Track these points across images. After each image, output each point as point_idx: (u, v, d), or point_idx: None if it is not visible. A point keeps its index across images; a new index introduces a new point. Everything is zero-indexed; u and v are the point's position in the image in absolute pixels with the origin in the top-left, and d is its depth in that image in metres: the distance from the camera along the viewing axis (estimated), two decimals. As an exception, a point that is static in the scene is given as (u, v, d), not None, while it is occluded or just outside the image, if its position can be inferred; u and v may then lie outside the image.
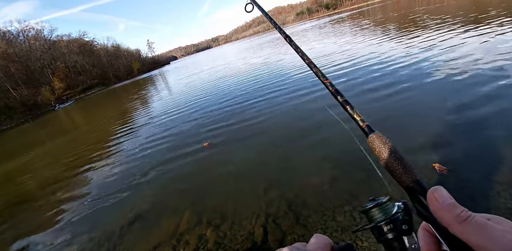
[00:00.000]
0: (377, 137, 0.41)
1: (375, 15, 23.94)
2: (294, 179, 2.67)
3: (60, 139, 9.75)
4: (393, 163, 0.37)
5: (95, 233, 2.84)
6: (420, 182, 0.34)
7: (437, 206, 0.27)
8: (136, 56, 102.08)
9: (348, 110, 0.47)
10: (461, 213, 0.26)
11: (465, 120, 2.81)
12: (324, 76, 0.56)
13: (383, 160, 0.38)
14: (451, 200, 0.27)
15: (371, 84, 4.76)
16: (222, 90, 8.72)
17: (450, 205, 0.27)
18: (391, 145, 0.39)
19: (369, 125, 0.43)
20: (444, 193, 0.28)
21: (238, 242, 2.07)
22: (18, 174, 6.61)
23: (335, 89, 0.52)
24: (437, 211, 0.27)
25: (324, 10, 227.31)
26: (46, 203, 4.15)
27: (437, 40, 6.63)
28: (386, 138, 0.40)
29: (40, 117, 30.78)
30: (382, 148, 0.39)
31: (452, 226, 0.26)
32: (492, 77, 3.62)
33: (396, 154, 0.37)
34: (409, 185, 0.34)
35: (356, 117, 0.45)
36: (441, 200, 0.27)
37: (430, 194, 0.29)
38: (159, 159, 4.32)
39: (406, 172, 0.35)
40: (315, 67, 0.59)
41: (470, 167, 2.11)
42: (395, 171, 0.36)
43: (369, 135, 0.42)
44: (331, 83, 0.53)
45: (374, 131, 0.42)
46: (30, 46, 55.62)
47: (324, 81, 0.54)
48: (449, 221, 0.26)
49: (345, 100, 0.49)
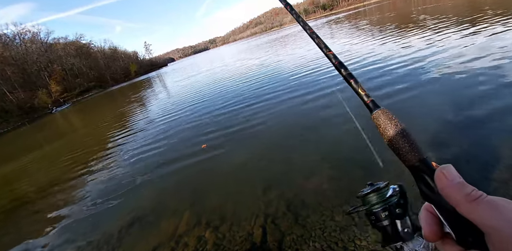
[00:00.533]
0: (382, 113, 0.38)
1: (371, 16, 24.09)
2: (292, 179, 2.68)
3: (57, 143, 9.69)
4: (398, 140, 0.34)
5: (93, 236, 2.82)
6: (427, 161, 0.32)
7: (446, 183, 0.26)
8: (133, 58, 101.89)
9: (352, 84, 0.43)
10: (472, 192, 0.25)
11: (461, 119, 2.83)
12: (327, 47, 0.52)
13: (387, 137, 0.36)
14: (460, 179, 0.26)
15: (368, 84, 4.78)
16: (219, 92, 8.73)
17: (460, 183, 0.26)
18: (397, 122, 0.36)
19: (374, 100, 0.40)
20: (454, 172, 0.27)
21: (237, 243, 2.06)
22: (16, 178, 6.56)
23: (339, 61, 0.48)
24: (445, 189, 0.26)
25: (320, 11, 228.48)
26: (44, 206, 4.12)
27: (434, 40, 6.68)
28: (392, 114, 0.38)
29: (37, 120, 30.58)
30: (387, 125, 0.36)
31: (461, 206, 0.25)
32: (492, 75, 3.65)
33: (403, 131, 0.35)
34: (415, 164, 0.33)
35: (360, 92, 0.42)
36: (451, 177, 0.26)
37: (438, 172, 0.28)
38: (157, 162, 4.31)
39: (413, 150, 0.33)
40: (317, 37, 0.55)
41: (467, 166, 2.12)
42: (400, 149, 0.34)
43: (373, 111, 0.39)
44: (334, 55, 0.50)
45: (380, 106, 0.39)
46: (26, 49, 55.32)
47: (327, 52, 0.51)
48: (458, 200, 0.25)
49: (349, 73, 0.45)
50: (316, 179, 2.53)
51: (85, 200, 3.78)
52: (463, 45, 5.48)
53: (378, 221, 0.40)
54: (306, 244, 1.82)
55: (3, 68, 44.76)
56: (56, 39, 68.29)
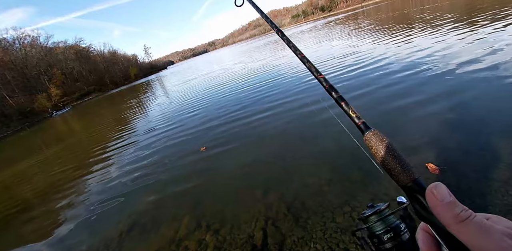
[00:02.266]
0: (373, 134, 0.39)
1: (370, 17, 24.20)
2: (292, 181, 2.67)
3: (57, 147, 9.69)
4: (390, 161, 0.35)
5: (93, 240, 2.81)
6: (419, 181, 0.33)
7: (436, 203, 0.26)
8: (133, 62, 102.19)
9: (343, 107, 0.45)
10: (461, 212, 0.25)
11: (458, 118, 2.83)
12: (317, 71, 0.54)
13: (380, 158, 0.37)
14: (450, 197, 0.26)
15: (365, 83, 4.79)
16: (217, 95, 8.74)
17: (450, 203, 0.26)
18: (388, 143, 0.37)
19: (365, 122, 0.41)
20: (444, 190, 0.27)
21: (238, 246, 2.05)
22: (15, 182, 6.55)
23: (329, 84, 0.50)
24: (435, 208, 0.26)
25: (319, 12, 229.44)
26: (44, 210, 4.11)
27: (433, 40, 6.71)
28: (383, 135, 0.39)
29: (37, 124, 30.61)
30: (379, 146, 0.37)
31: (451, 226, 0.25)
32: (489, 75, 3.66)
33: (394, 152, 0.36)
34: (407, 184, 0.33)
35: (351, 114, 0.43)
36: (440, 197, 0.26)
37: (428, 191, 0.27)
38: (156, 165, 4.30)
39: (404, 170, 0.34)
40: (308, 62, 0.57)
41: (464, 166, 2.12)
42: (392, 170, 0.35)
43: (365, 133, 0.40)
44: (325, 79, 0.51)
45: (371, 128, 0.40)
46: (26, 54, 55.51)
47: (318, 76, 0.52)
48: (448, 220, 0.25)
49: (340, 96, 0.47)
50: (316, 180, 2.53)
51: (85, 204, 3.77)
52: (462, 44, 5.49)
53: (381, 243, 0.39)
54: (307, 246, 1.81)
55: (3, 73, 44.89)
56: (56, 43, 68.64)
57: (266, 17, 0.76)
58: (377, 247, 0.39)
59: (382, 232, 0.37)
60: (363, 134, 0.40)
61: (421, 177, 0.33)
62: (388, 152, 0.36)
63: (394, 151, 0.36)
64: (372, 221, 0.39)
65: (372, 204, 0.41)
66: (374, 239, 0.40)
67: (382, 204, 0.40)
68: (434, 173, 2.09)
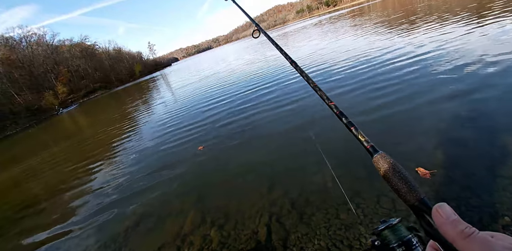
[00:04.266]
0: (381, 157, 0.41)
1: (375, 12, 23.75)
2: (297, 177, 2.67)
3: (65, 144, 9.84)
4: (397, 182, 0.37)
5: (101, 235, 2.86)
6: (425, 200, 0.34)
7: (442, 221, 0.28)
8: (137, 59, 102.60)
9: (352, 131, 0.47)
10: (465, 229, 0.26)
11: (464, 116, 2.78)
12: (328, 99, 0.57)
13: (387, 179, 0.39)
14: (455, 216, 0.28)
15: (360, 83, 4.73)
16: (219, 92, 8.73)
17: (455, 221, 0.27)
18: (395, 165, 0.39)
19: (374, 145, 0.44)
20: (448, 209, 0.28)
21: (242, 242, 2.07)
22: (25, 179, 6.68)
23: (340, 111, 0.53)
24: (441, 226, 0.28)
25: (324, 7, 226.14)
26: (52, 207, 4.19)
27: (442, 37, 6.55)
28: (390, 158, 0.41)
29: (45, 121, 31.09)
30: (386, 168, 0.40)
31: (457, 242, 0.26)
32: (497, 73, 3.57)
33: (400, 173, 0.38)
34: (414, 203, 0.35)
35: (361, 138, 0.46)
36: (445, 216, 0.28)
37: (434, 210, 0.29)
38: (161, 162, 4.34)
39: (410, 191, 0.36)
40: (320, 90, 0.60)
41: (472, 163, 2.08)
42: (400, 190, 0.37)
43: (374, 155, 0.43)
44: (335, 106, 0.54)
45: (379, 151, 0.43)
46: (32, 52, 56.17)
47: (329, 103, 0.55)
48: (454, 236, 0.26)
49: (350, 121, 0.49)
50: (320, 177, 2.51)
51: (91, 201, 3.84)
52: (466, 41, 5.36)
53: None
54: (311, 243, 1.81)
55: (10, 71, 45.54)
56: (62, 41, 69.30)
57: (280, 49, 0.87)
58: None
59: (395, 246, 0.38)
60: (372, 157, 0.43)
61: (426, 196, 0.35)
62: (395, 173, 0.38)
63: (400, 173, 0.38)
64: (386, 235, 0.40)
65: (385, 219, 0.42)
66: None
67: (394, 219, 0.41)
68: (425, 177, 2.03)
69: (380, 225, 0.42)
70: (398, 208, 1.85)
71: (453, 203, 1.75)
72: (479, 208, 1.68)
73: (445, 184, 1.94)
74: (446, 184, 1.94)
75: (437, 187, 1.93)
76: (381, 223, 0.42)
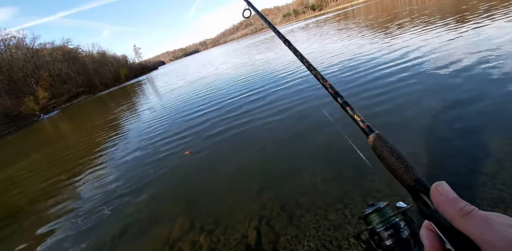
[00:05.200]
0: (377, 137, 0.41)
1: (360, 16, 24.45)
2: (286, 180, 2.67)
3: (45, 151, 9.45)
4: (394, 162, 0.37)
5: (85, 245, 2.75)
6: (422, 181, 0.34)
7: (441, 199, 0.28)
8: (123, 62, 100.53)
9: (348, 111, 0.47)
10: (465, 207, 0.26)
11: (428, 121, 2.89)
12: (323, 78, 0.56)
13: (384, 159, 0.38)
14: (453, 194, 0.28)
15: (355, 82, 4.84)
16: (206, 97, 8.68)
17: (454, 198, 0.27)
18: (391, 145, 0.39)
19: (369, 125, 0.43)
20: (447, 188, 0.28)
21: (232, 247, 2.04)
22: (4, 188, 6.36)
23: (335, 90, 0.52)
24: (440, 204, 0.27)
25: (310, 11, 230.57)
26: (33, 216, 4.00)
27: (429, 39, 6.81)
28: (386, 137, 0.40)
29: (25, 128, 29.79)
30: (383, 148, 0.39)
31: (456, 220, 0.26)
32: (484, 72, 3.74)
33: (397, 153, 0.38)
34: (411, 183, 0.34)
35: (356, 118, 0.45)
36: (445, 194, 0.28)
37: (433, 188, 0.29)
38: (146, 168, 4.24)
39: (408, 170, 0.35)
40: (314, 69, 0.59)
41: (454, 161, 2.16)
42: (396, 170, 0.36)
43: (369, 135, 0.42)
44: (330, 85, 0.54)
45: (374, 131, 0.42)
46: (11, 55, 53.92)
47: (323, 83, 0.55)
48: (453, 214, 0.26)
49: (345, 101, 0.49)
50: (309, 179, 2.53)
51: (75, 209, 3.69)
52: (454, 43, 5.60)
53: (381, 240, 0.40)
54: (301, 244, 1.81)
55: (-13, 76, 43.49)
56: (43, 44, 66.92)
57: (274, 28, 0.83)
58: (378, 244, 0.40)
59: (382, 229, 0.38)
60: (368, 137, 0.42)
61: (423, 176, 0.35)
62: (392, 153, 0.38)
63: (397, 152, 0.38)
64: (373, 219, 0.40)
65: (373, 203, 0.42)
66: (375, 236, 0.41)
67: (382, 202, 0.41)
68: None
69: (367, 209, 0.42)
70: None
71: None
72: (461, 204, 1.73)
73: (428, 182, 1.99)
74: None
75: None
76: (369, 206, 0.42)
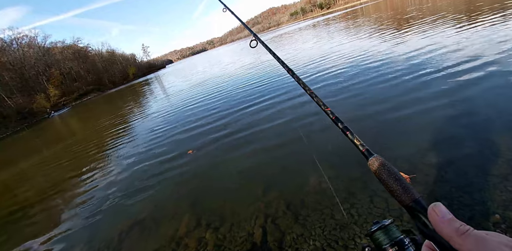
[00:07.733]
0: (376, 160, 0.43)
1: (369, 14, 24.10)
2: (291, 179, 2.67)
3: (56, 147, 9.67)
4: (392, 184, 0.38)
5: (94, 240, 2.81)
6: (420, 201, 0.35)
7: (438, 220, 0.29)
8: (131, 61, 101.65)
9: (348, 136, 0.49)
10: (460, 226, 0.27)
11: (437, 121, 2.83)
12: (324, 104, 0.58)
13: (383, 181, 0.40)
14: (450, 215, 0.29)
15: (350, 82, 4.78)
16: (213, 96, 8.71)
17: (450, 219, 0.28)
18: (389, 167, 0.41)
19: (369, 149, 0.46)
20: (443, 208, 0.30)
21: (238, 244, 2.06)
22: (15, 183, 6.54)
23: (335, 116, 0.54)
24: (438, 224, 0.29)
25: (318, 9, 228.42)
26: (44, 211, 4.11)
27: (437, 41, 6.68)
28: (384, 160, 0.42)
29: (36, 125, 30.51)
30: (381, 170, 0.41)
31: (453, 239, 0.27)
32: (490, 73, 3.65)
33: (395, 175, 0.39)
34: (409, 204, 0.35)
35: (356, 142, 0.48)
36: (441, 214, 0.29)
37: (430, 210, 0.30)
38: (154, 166, 4.30)
39: (405, 192, 0.37)
40: (316, 96, 0.62)
41: (464, 162, 2.12)
42: (395, 191, 0.38)
43: (369, 158, 0.44)
44: (331, 111, 0.56)
45: (373, 154, 0.44)
46: (24, 54, 55.14)
47: (325, 109, 0.57)
48: (450, 234, 0.27)
49: (345, 126, 0.51)
50: (315, 178, 2.52)
51: (84, 205, 3.77)
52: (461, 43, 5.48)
53: None
54: (307, 243, 1.81)
55: (1, 73, 44.65)
56: (54, 43, 68.08)
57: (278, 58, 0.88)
58: None
59: (387, 246, 0.39)
60: (367, 160, 0.44)
61: (421, 197, 0.36)
62: (390, 175, 0.39)
63: (395, 175, 0.39)
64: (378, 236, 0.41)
65: (378, 221, 0.44)
66: None
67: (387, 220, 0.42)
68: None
69: (372, 226, 0.43)
70: (391, 207, 1.87)
71: (446, 202, 1.78)
72: (470, 206, 1.70)
73: (438, 184, 1.97)
74: (439, 183, 1.97)
75: (430, 187, 1.96)
76: (373, 224, 0.43)
